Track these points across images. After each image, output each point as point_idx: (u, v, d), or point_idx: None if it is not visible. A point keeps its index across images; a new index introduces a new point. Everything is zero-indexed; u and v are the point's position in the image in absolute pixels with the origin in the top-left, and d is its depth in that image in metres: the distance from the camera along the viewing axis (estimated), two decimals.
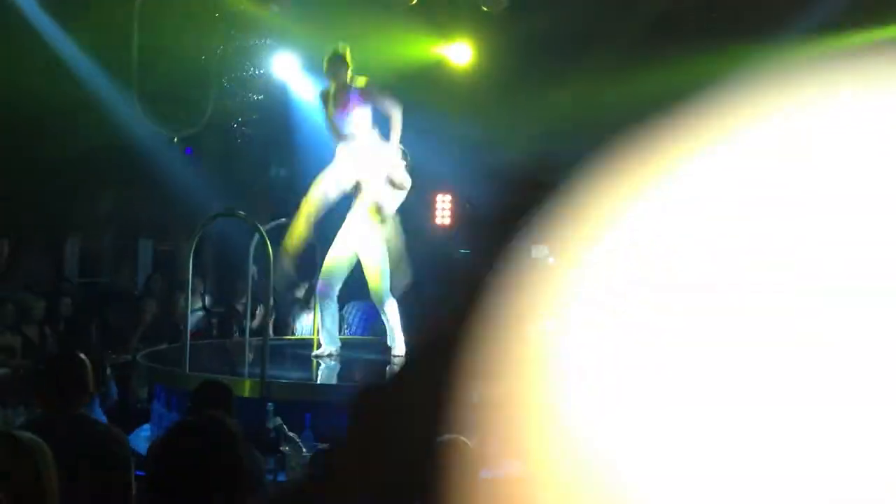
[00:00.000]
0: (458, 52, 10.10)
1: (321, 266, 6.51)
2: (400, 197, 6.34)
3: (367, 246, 6.24)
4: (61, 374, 3.27)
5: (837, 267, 0.68)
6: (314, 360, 6.41)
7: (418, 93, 9.84)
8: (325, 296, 6.38)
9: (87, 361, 3.34)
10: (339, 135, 6.26)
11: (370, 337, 7.61)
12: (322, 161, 6.59)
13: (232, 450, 1.88)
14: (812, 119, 0.72)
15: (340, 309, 8.76)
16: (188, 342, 5.69)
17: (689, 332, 0.68)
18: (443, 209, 10.70)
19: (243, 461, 1.90)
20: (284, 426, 4.60)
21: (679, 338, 0.68)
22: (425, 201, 10.46)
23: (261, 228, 5.96)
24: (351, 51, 6.37)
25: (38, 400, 3.39)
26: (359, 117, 6.23)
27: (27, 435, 1.98)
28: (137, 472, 3.19)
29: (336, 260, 6.35)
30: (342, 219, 6.45)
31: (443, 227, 10.48)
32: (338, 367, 6.50)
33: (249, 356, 6.45)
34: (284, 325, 8.71)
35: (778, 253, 0.68)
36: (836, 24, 8.41)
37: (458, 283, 0.79)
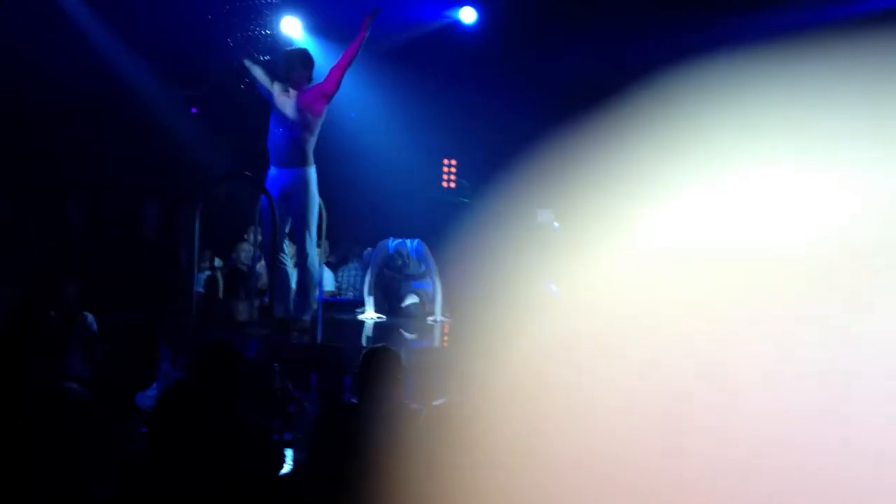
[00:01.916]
0: (467, 15, 10.05)
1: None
2: None
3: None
4: None
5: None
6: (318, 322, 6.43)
7: (424, 56, 9.80)
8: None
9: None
10: None
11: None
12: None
13: (224, 409, 1.89)
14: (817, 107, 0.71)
15: (336, 270, 8.76)
16: (195, 302, 5.73)
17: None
18: (449, 173, 10.73)
19: (238, 420, 1.92)
20: (290, 386, 4.64)
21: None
22: (432, 165, 10.46)
23: (266, 189, 5.96)
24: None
25: None
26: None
27: (75, 387, 2.03)
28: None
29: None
30: None
31: (449, 189, 10.51)
32: (344, 328, 6.54)
33: (255, 317, 6.48)
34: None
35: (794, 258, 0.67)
36: None
37: None
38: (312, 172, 6.11)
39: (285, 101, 6.12)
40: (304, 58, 6.22)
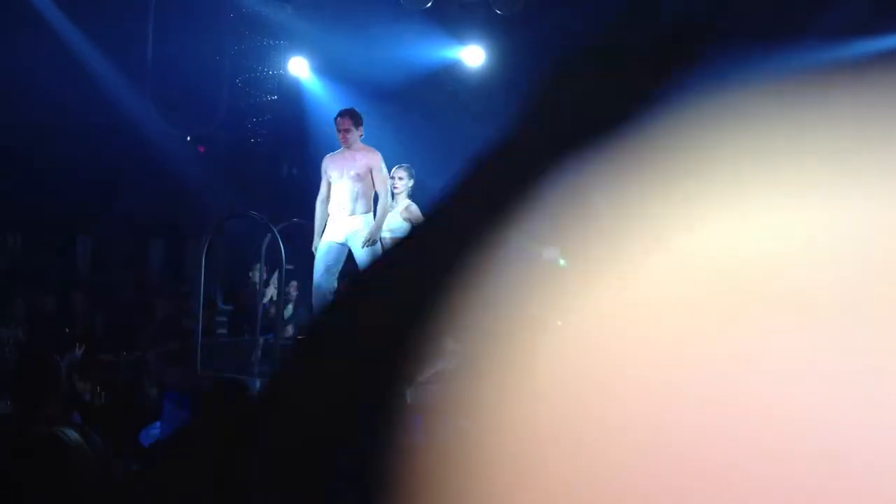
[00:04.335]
0: (472, 55, 10.13)
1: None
2: None
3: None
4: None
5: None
6: None
7: (430, 96, 9.87)
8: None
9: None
10: None
11: None
12: None
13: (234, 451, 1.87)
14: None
15: None
16: (199, 340, 5.70)
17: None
18: None
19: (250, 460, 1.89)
20: None
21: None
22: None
23: (273, 228, 5.98)
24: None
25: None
26: None
27: (73, 434, 1.98)
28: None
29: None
30: None
31: None
32: None
33: (259, 354, 6.45)
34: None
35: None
36: (855, 31, 8.41)
37: None
38: (370, 219, 6.25)
39: (343, 159, 6.29)
40: (337, 116, 6.34)
